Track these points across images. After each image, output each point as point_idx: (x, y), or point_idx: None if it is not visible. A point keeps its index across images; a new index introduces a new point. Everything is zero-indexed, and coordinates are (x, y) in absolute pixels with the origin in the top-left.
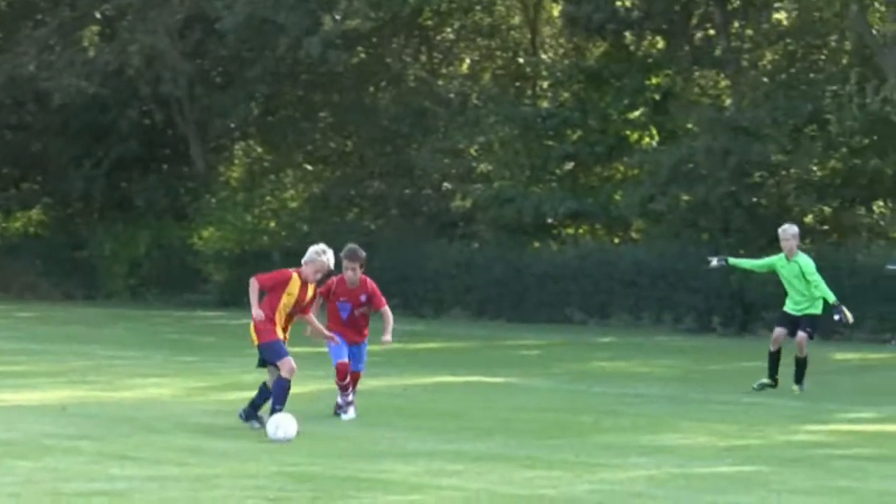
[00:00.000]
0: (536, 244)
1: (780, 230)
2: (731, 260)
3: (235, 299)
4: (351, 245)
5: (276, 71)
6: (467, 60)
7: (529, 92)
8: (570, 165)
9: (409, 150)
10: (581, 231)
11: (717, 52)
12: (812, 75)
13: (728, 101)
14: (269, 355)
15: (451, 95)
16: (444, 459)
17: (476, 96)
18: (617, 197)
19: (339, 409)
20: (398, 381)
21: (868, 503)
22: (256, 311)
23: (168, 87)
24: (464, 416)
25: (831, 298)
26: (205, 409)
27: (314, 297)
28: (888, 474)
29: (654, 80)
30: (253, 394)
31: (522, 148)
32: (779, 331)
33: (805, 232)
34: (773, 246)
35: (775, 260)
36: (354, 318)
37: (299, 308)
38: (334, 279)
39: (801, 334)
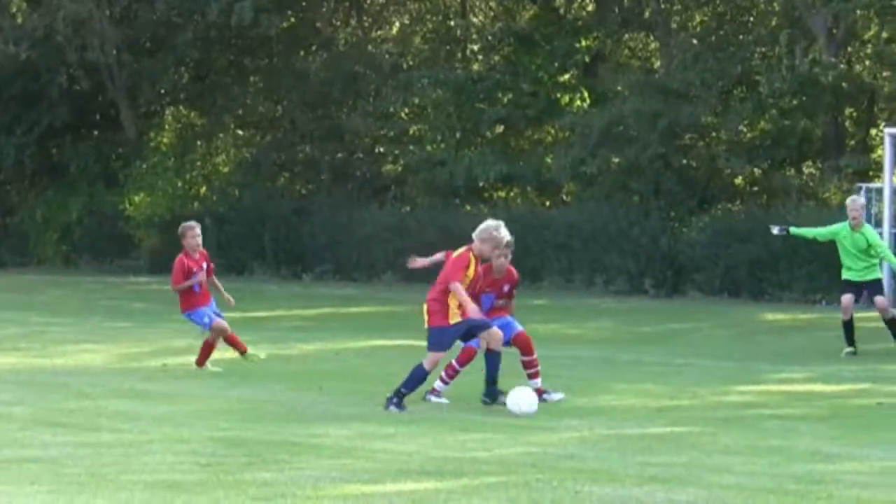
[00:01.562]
0: (468, 208)
1: (848, 200)
2: (793, 230)
3: (166, 265)
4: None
5: (207, 36)
6: (397, 24)
7: (460, 55)
8: (501, 129)
9: (340, 115)
10: (512, 194)
11: (647, 15)
12: (741, 37)
13: (658, 64)
14: (432, 341)
15: (387, 56)
16: (377, 423)
17: (408, 60)
18: (548, 160)
19: (430, 394)
20: (331, 346)
21: (798, 462)
22: (474, 311)
23: (95, 53)
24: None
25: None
26: (138, 375)
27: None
28: (818, 433)
29: (584, 43)
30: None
31: (454, 111)
32: (846, 298)
33: (734, 193)
34: (703, 208)
35: (839, 229)
36: (495, 310)
37: (474, 287)
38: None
39: (879, 299)
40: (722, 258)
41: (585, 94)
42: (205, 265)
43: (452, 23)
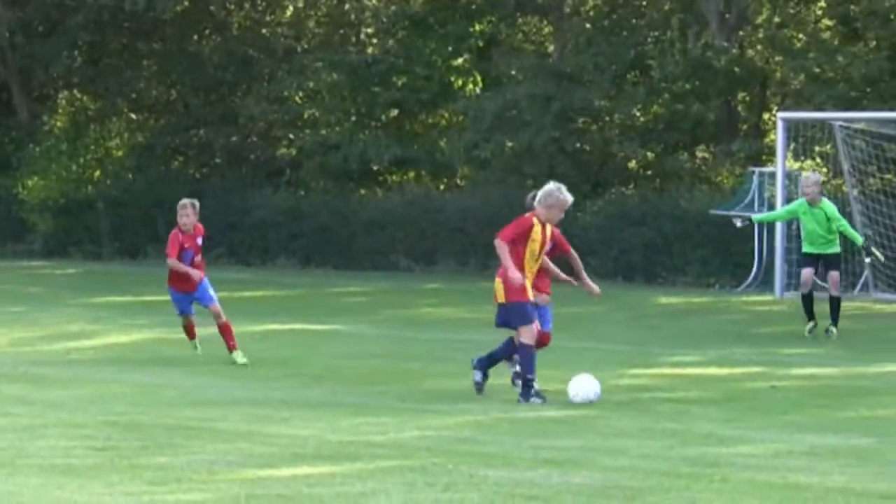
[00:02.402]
0: (363, 191)
1: (802, 178)
2: (755, 217)
3: (60, 249)
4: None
5: (99, 19)
6: (291, 8)
7: (355, 39)
8: (395, 112)
9: (234, 99)
10: (407, 178)
11: None
12: (634, 21)
13: (551, 48)
14: (513, 317)
15: (281, 40)
16: (272, 407)
17: (302, 44)
18: (442, 144)
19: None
20: None
21: (692, 445)
22: (514, 274)
23: None
24: (291, 363)
25: (859, 241)
26: (32, 359)
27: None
28: (712, 417)
29: (477, 27)
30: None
31: (349, 95)
32: (807, 272)
33: (628, 177)
34: (597, 192)
35: (796, 207)
36: (539, 272)
37: (543, 252)
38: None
39: (833, 273)
40: (616, 242)
41: (479, 79)
42: (200, 240)
43: (347, 6)
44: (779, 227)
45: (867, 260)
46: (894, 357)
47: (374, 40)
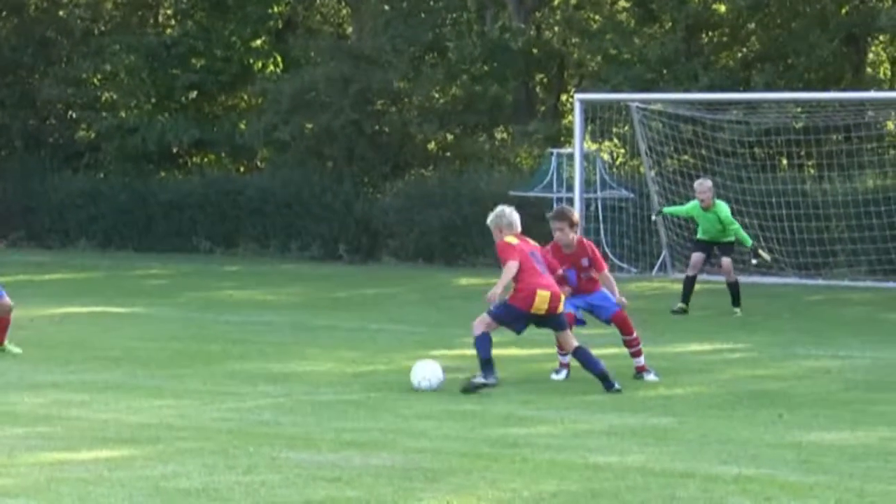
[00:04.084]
0: (163, 174)
1: (695, 184)
2: (666, 209)
3: None
4: (560, 206)
5: None
6: None
7: (153, 21)
8: (194, 94)
9: (32, 81)
10: (207, 160)
11: None
12: (432, 3)
13: (350, 30)
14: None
15: (79, 22)
16: (72, 390)
17: (100, 26)
18: (242, 126)
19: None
20: (24, 313)
21: (492, 426)
22: (496, 289)
23: None
24: (90, 346)
25: (748, 243)
26: None
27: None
28: (511, 398)
29: (276, 9)
30: None
31: (147, 77)
32: (697, 256)
33: (427, 159)
34: (396, 174)
35: (690, 208)
36: (583, 283)
37: (555, 264)
38: (549, 246)
39: (725, 259)
40: (416, 224)
41: (279, 60)
42: None
43: None
44: (577, 207)
45: (754, 262)
46: (692, 337)
47: (173, 22)
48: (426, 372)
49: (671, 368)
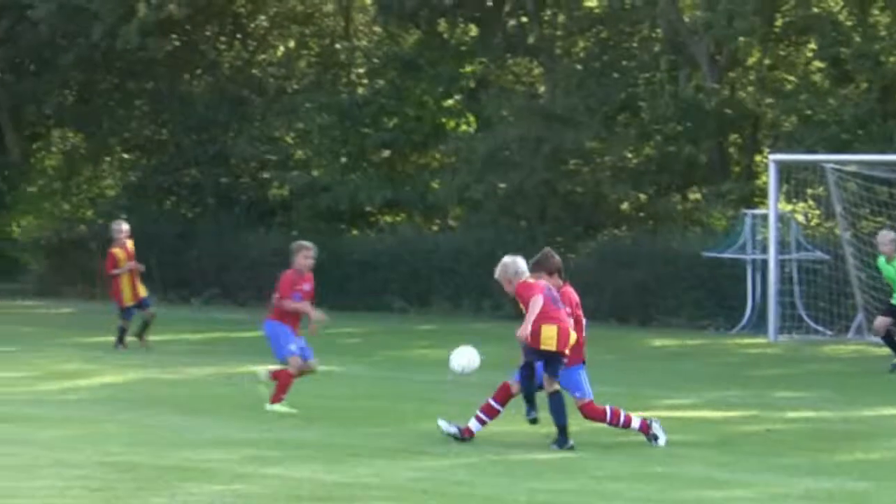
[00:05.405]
0: (354, 232)
1: (879, 235)
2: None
3: (53, 288)
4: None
5: (91, 58)
6: (282, 48)
7: (345, 79)
8: (386, 153)
9: (225, 139)
10: (398, 219)
11: (531, 40)
12: (624, 63)
13: (542, 89)
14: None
15: (271, 80)
16: (268, 448)
17: (292, 84)
18: (434, 185)
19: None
20: (223, 370)
21: (689, 488)
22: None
23: None
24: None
25: None
26: (26, 399)
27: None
28: (708, 460)
29: (468, 68)
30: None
31: (339, 135)
32: (882, 319)
33: (620, 219)
34: (589, 234)
35: (880, 267)
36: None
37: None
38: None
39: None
40: (609, 284)
41: (471, 119)
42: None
43: (337, 46)
44: (772, 269)
45: None
46: (889, 400)
47: (365, 81)
48: (463, 360)
49: (868, 432)
